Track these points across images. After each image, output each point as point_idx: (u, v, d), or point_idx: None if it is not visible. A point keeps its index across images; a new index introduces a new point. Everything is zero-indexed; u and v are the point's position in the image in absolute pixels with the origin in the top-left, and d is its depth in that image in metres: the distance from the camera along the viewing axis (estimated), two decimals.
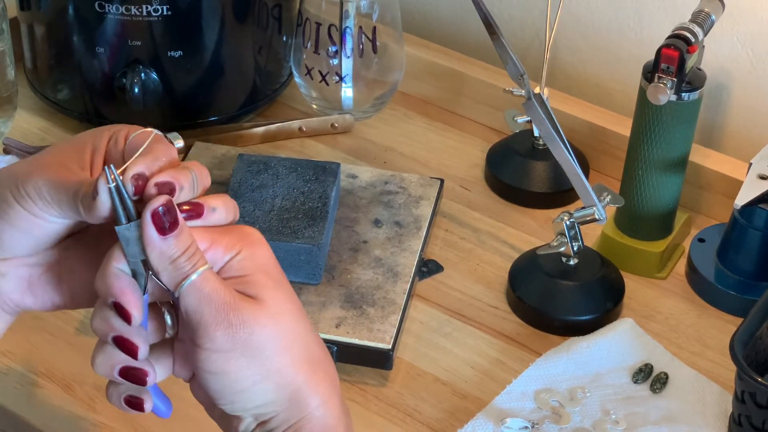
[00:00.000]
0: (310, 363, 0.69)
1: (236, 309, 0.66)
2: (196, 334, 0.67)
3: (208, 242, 0.68)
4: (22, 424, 0.93)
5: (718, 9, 1.04)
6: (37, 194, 0.69)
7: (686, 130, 1.05)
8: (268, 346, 0.67)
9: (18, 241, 0.71)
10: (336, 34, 1.20)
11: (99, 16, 1.14)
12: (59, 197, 0.68)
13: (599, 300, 1.03)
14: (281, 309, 0.68)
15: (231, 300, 0.67)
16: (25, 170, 0.70)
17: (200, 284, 0.66)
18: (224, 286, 0.67)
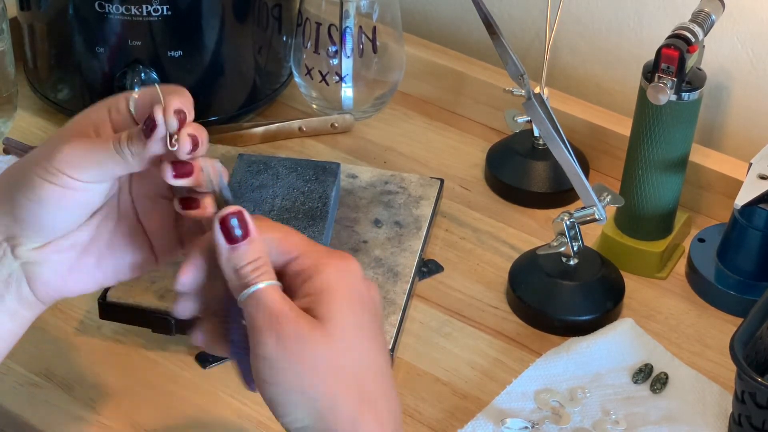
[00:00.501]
0: (361, 396, 0.68)
1: (292, 321, 0.67)
2: (251, 338, 0.67)
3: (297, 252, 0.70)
4: (22, 424, 0.93)
5: (718, 9, 1.04)
6: (69, 164, 0.71)
7: (686, 130, 1.05)
8: (318, 365, 0.67)
9: (52, 220, 0.73)
10: (336, 34, 1.20)
11: (99, 16, 1.14)
12: (96, 157, 0.71)
13: (599, 300, 1.03)
14: (345, 334, 0.68)
15: (289, 312, 0.67)
16: (45, 152, 0.72)
17: (260, 295, 0.67)
18: (285, 300, 0.68)
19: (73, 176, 0.71)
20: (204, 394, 0.95)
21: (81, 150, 0.71)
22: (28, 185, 0.71)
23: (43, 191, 0.71)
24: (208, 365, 0.98)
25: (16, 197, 0.72)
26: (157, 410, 0.94)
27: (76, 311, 1.02)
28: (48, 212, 0.72)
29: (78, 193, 0.72)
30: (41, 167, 0.71)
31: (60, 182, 0.71)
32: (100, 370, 0.97)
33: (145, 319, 0.97)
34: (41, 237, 0.74)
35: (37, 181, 0.71)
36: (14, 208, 0.72)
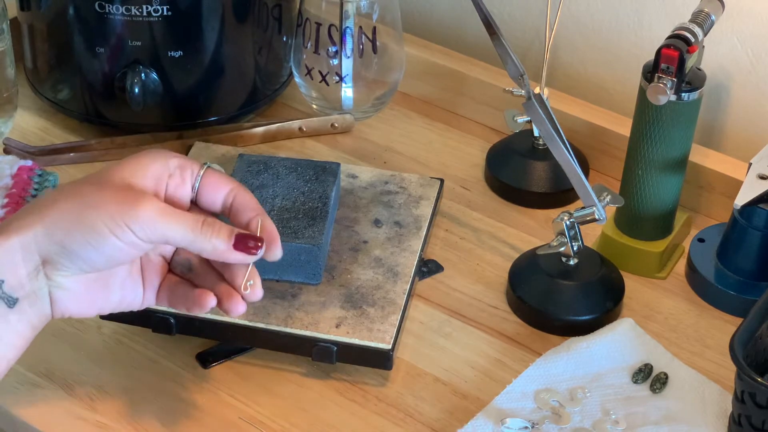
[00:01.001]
0: None
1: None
2: None
3: None
4: (22, 424, 0.93)
5: (718, 9, 1.04)
6: (142, 227, 0.77)
7: (686, 130, 1.05)
8: None
9: (97, 261, 0.79)
10: (336, 34, 1.20)
11: (99, 16, 1.14)
12: (168, 228, 0.78)
13: (599, 300, 1.03)
14: None
15: None
16: (114, 200, 0.78)
17: None
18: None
19: (140, 237, 0.78)
20: (204, 394, 0.95)
21: (156, 215, 0.78)
22: (91, 229, 0.77)
23: (104, 240, 0.77)
24: (208, 365, 0.98)
25: (74, 233, 0.77)
26: (157, 410, 0.94)
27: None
28: (98, 255, 0.78)
29: (131, 249, 0.78)
30: (111, 218, 0.77)
31: (124, 238, 0.77)
32: (100, 370, 0.97)
33: (145, 319, 0.97)
34: (78, 269, 0.79)
35: (104, 230, 0.77)
36: (68, 241, 0.77)
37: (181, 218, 0.79)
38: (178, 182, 0.82)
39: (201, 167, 0.83)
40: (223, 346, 0.99)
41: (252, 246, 0.80)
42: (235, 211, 0.83)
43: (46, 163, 1.17)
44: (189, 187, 0.83)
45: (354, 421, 0.94)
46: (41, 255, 0.78)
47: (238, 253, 0.80)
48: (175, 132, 1.21)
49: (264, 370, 0.98)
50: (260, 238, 0.81)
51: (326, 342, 0.95)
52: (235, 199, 0.83)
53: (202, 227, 0.79)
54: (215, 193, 0.83)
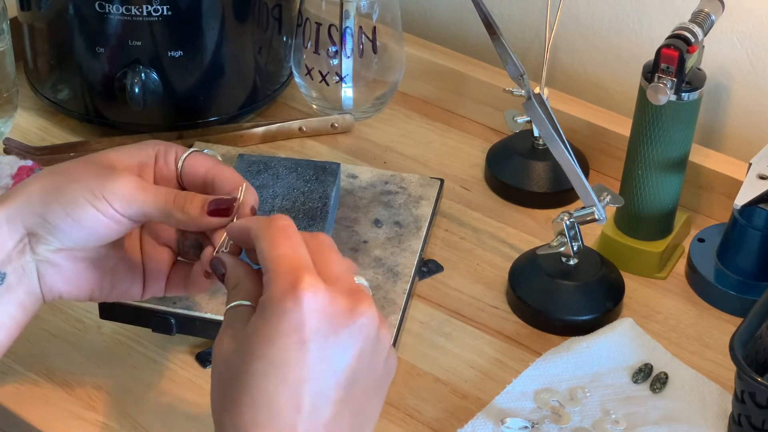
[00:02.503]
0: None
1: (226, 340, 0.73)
2: None
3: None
4: (22, 424, 0.93)
5: (718, 9, 1.04)
6: (118, 197, 0.78)
7: (686, 130, 1.05)
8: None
9: (78, 235, 0.79)
10: (336, 34, 1.21)
11: (99, 16, 1.14)
12: (145, 200, 0.79)
13: (599, 300, 1.03)
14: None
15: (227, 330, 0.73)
16: (96, 175, 0.79)
17: (225, 317, 0.75)
18: (227, 328, 0.73)
19: (117, 209, 0.78)
20: (204, 394, 0.95)
21: (133, 189, 0.79)
22: (70, 201, 0.78)
23: (83, 212, 0.78)
24: (208, 365, 0.98)
25: (54, 206, 0.79)
26: (157, 410, 0.94)
27: (76, 311, 1.02)
28: (79, 228, 0.79)
29: (112, 223, 0.79)
30: (89, 190, 0.78)
31: (102, 209, 0.78)
32: (100, 370, 0.97)
33: (145, 319, 0.97)
34: (61, 243, 0.80)
35: (82, 201, 0.78)
36: (48, 213, 0.79)
37: (155, 191, 0.80)
38: (162, 166, 0.83)
39: (185, 151, 0.84)
40: None
41: (225, 207, 0.79)
42: (216, 186, 0.82)
43: (46, 163, 1.17)
44: (173, 170, 0.83)
45: None
46: (25, 227, 0.79)
47: (213, 217, 0.79)
48: (175, 132, 1.21)
49: None
50: (233, 198, 0.80)
51: None
52: (215, 175, 0.83)
53: (175, 198, 0.79)
54: (196, 172, 0.83)
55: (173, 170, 0.83)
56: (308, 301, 0.69)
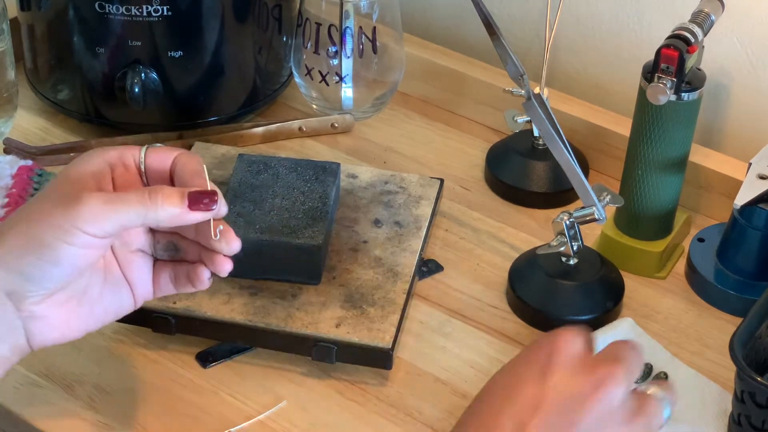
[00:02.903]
0: None
1: None
2: None
3: None
4: (22, 424, 0.93)
5: (718, 9, 1.04)
6: (89, 221, 0.73)
7: (686, 130, 1.05)
8: None
9: (61, 275, 0.75)
10: (336, 34, 1.20)
11: (99, 16, 1.14)
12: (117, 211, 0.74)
13: (599, 300, 1.03)
14: None
15: None
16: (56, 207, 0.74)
17: None
18: None
19: (93, 234, 0.74)
20: (204, 394, 0.95)
21: (100, 206, 0.74)
22: (42, 245, 0.73)
23: (60, 251, 0.73)
24: (208, 365, 0.98)
25: (27, 258, 0.74)
26: (157, 410, 0.94)
27: None
28: (59, 269, 0.74)
29: (89, 250, 0.75)
30: (57, 227, 0.73)
31: (76, 242, 0.73)
32: (100, 370, 0.97)
33: (145, 319, 0.97)
34: (45, 291, 0.76)
35: (53, 242, 0.73)
36: (24, 267, 0.74)
37: (125, 198, 0.75)
38: (122, 171, 0.79)
39: (140, 150, 0.80)
40: (223, 346, 0.99)
41: (207, 201, 0.76)
42: (178, 174, 0.79)
43: (46, 163, 1.17)
44: (135, 172, 0.79)
45: (354, 421, 0.94)
46: (3, 289, 0.75)
47: (196, 212, 0.76)
48: (175, 132, 1.21)
49: (264, 369, 0.98)
50: (212, 190, 0.77)
51: (326, 342, 0.95)
52: (176, 164, 0.79)
53: (149, 197, 0.75)
54: (162, 166, 0.79)
55: (135, 173, 0.79)
56: (560, 341, 0.73)
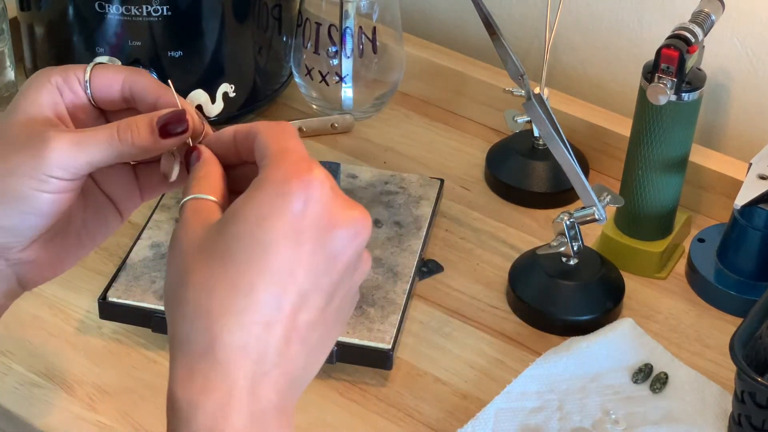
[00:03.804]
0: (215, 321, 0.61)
1: (189, 232, 0.64)
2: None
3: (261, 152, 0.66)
4: (22, 424, 0.93)
5: (718, 9, 1.04)
6: (60, 166, 0.69)
7: (686, 130, 1.05)
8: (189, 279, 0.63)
9: (41, 222, 0.71)
10: (336, 34, 1.20)
11: (99, 16, 1.14)
12: (87, 152, 0.69)
13: (599, 300, 1.03)
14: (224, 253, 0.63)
15: (189, 224, 0.65)
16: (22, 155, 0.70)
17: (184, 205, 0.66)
18: (197, 211, 0.65)
19: (64, 177, 0.70)
20: None
21: (69, 148, 0.70)
22: (16, 196, 0.70)
23: (34, 200, 0.70)
24: None
25: (5, 210, 0.70)
26: (157, 410, 0.94)
27: (76, 311, 1.02)
28: (36, 217, 0.71)
29: (66, 193, 0.71)
30: (28, 177, 0.69)
31: (50, 188, 0.70)
32: (100, 370, 0.97)
33: (145, 319, 0.97)
34: (26, 239, 0.73)
35: (27, 192, 0.70)
36: (2, 220, 0.71)
37: (94, 137, 0.70)
38: (72, 97, 0.74)
39: (84, 70, 0.74)
40: None
41: (178, 127, 0.71)
42: (137, 101, 0.74)
43: None
44: (84, 97, 0.74)
45: (354, 421, 0.94)
46: None
47: (169, 139, 0.71)
48: None
49: None
50: (179, 111, 0.71)
51: None
52: (131, 88, 0.74)
53: (119, 135, 0.71)
54: (110, 90, 0.74)
55: (83, 97, 0.73)
56: (315, 188, 0.61)
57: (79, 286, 1.04)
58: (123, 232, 1.09)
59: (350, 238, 0.63)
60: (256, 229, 0.61)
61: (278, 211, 0.61)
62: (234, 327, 0.61)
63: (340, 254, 0.63)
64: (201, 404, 0.61)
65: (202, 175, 0.67)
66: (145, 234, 1.05)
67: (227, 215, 0.62)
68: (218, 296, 0.61)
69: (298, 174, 0.62)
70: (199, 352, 0.62)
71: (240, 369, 0.61)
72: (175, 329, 0.63)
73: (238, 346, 0.61)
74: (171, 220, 1.06)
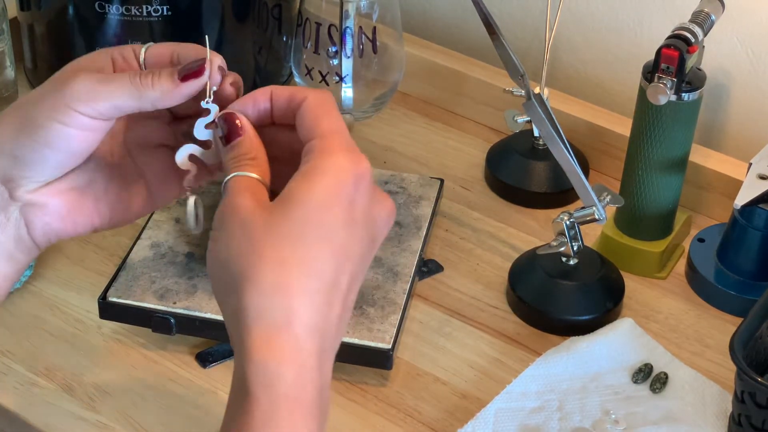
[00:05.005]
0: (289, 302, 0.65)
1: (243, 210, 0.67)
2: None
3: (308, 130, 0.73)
4: (22, 424, 0.93)
5: (718, 9, 1.04)
6: (81, 100, 0.70)
7: (686, 130, 1.05)
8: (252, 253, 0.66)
9: (57, 161, 0.72)
10: (336, 34, 1.20)
11: (99, 16, 1.14)
12: (109, 91, 0.71)
13: (599, 300, 1.03)
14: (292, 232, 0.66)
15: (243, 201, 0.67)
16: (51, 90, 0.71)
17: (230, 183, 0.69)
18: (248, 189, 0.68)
19: (85, 113, 0.71)
20: (204, 394, 0.95)
21: (92, 84, 0.71)
22: (35, 125, 0.71)
23: (53, 132, 0.71)
24: (208, 365, 0.98)
25: (21, 139, 0.71)
26: (157, 410, 0.94)
27: (76, 311, 1.02)
28: (53, 152, 0.72)
29: (85, 132, 0.72)
30: (49, 106, 0.71)
31: (70, 121, 0.71)
32: (100, 370, 0.97)
33: (145, 319, 0.97)
34: (41, 177, 0.73)
35: (46, 122, 0.71)
36: (17, 149, 0.72)
37: (117, 77, 0.72)
38: (123, 65, 0.76)
39: (142, 47, 0.76)
40: (223, 346, 0.99)
41: (195, 68, 0.72)
42: (182, 62, 0.75)
43: None
44: (136, 65, 0.76)
45: (354, 421, 0.94)
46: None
47: (188, 82, 0.72)
48: None
49: None
50: (201, 59, 0.73)
51: None
52: (179, 54, 0.76)
53: (141, 79, 0.72)
54: (161, 59, 0.76)
55: (136, 65, 0.76)
56: (366, 179, 0.68)
57: (79, 286, 1.05)
58: (123, 232, 1.09)
59: (385, 225, 0.70)
60: (321, 215, 0.66)
61: (337, 199, 0.66)
62: (310, 306, 0.65)
63: (377, 238, 0.69)
64: (282, 373, 0.64)
65: (245, 151, 0.70)
66: (145, 234, 1.05)
67: (292, 198, 0.66)
68: (295, 275, 0.65)
69: (353, 165, 0.68)
70: (278, 325, 0.65)
71: (313, 346, 0.65)
72: (247, 300, 0.65)
73: (313, 324, 0.65)
74: (171, 220, 1.06)
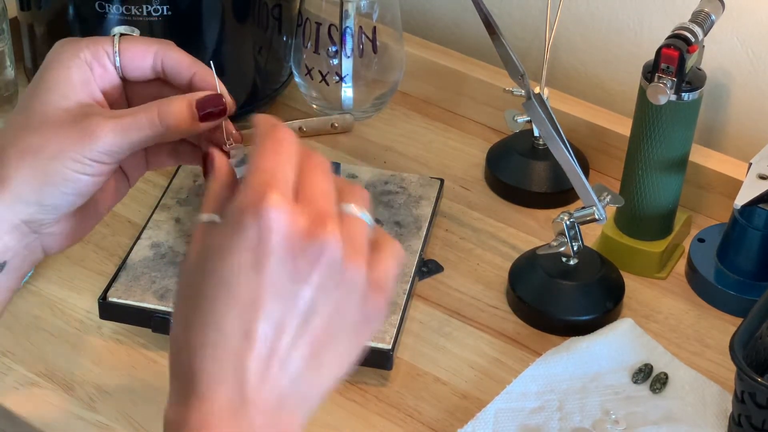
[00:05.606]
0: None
1: None
2: None
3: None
4: (22, 424, 0.93)
5: (718, 9, 1.04)
6: (106, 154, 0.72)
7: (686, 130, 1.05)
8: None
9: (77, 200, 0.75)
10: (336, 34, 1.20)
11: (99, 16, 1.14)
12: (131, 139, 0.73)
13: (599, 300, 1.03)
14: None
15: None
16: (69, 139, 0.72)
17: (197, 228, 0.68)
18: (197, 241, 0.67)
19: (108, 162, 0.73)
20: None
21: (115, 136, 0.72)
22: (63, 179, 0.73)
23: (79, 183, 0.73)
24: None
25: (46, 190, 0.73)
26: (157, 410, 0.93)
27: (76, 311, 1.02)
28: (77, 197, 0.74)
29: (104, 175, 0.74)
30: (73, 161, 0.72)
31: (95, 171, 0.73)
32: (100, 370, 0.97)
33: (145, 319, 0.97)
34: (60, 212, 0.75)
35: (75, 175, 0.73)
36: (44, 199, 0.74)
37: (136, 122, 0.73)
38: (101, 72, 0.75)
39: (112, 43, 0.75)
40: None
41: (215, 109, 0.75)
42: (169, 75, 0.76)
43: None
44: (113, 72, 0.76)
45: (354, 421, 0.94)
46: (22, 220, 0.74)
47: (207, 122, 0.75)
48: None
49: None
50: (216, 94, 0.75)
51: None
52: (164, 62, 0.76)
53: (160, 119, 0.73)
54: (141, 64, 0.76)
55: (113, 71, 0.76)
56: (268, 219, 0.61)
57: (79, 286, 1.05)
58: (123, 232, 1.09)
59: (314, 258, 0.63)
60: (219, 262, 0.63)
61: (236, 244, 0.62)
62: (209, 360, 0.63)
63: (305, 274, 0.63)
64: (185, 421, 0.64)
65: (213, 195, 0.69)
66: (145, 234, 1.05)
67: (201, 247, 0.65)
68: (194, 331, 0.64)
69: (253, 204, 0.62)
70: (185, 381, 0.65)
71: (220, 397, 0.63)
72: (170, 360, 0.68)
73: (215, 378, 0.63)
74: (171, 219, 1.06)
